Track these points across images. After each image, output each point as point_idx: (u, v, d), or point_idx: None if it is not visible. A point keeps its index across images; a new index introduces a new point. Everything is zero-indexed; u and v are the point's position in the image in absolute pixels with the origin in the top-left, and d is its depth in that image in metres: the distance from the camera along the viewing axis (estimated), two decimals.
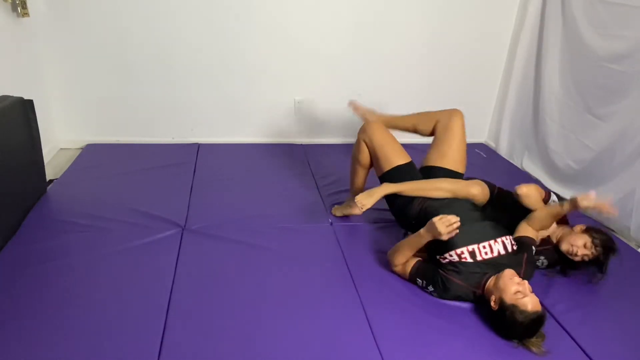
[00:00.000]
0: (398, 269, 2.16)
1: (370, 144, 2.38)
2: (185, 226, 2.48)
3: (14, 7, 2.83)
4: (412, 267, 2.10)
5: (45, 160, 2.93)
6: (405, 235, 2.37)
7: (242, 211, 2.66)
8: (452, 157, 2.38)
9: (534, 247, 2.14)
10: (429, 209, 2.16)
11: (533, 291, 1.85)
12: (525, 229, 2.20)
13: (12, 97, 2.44)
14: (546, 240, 2.29)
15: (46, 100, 3.26)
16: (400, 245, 2.16)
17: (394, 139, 2.41)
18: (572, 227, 2.27)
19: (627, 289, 2.25)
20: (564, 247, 2.17)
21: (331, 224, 2.60)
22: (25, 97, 2.51)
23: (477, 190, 2.27)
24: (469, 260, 2.01)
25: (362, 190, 2.56)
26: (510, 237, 2.13)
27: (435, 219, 1.97)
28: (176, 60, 3.39)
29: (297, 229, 2.53)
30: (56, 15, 3.15)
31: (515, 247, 2.10)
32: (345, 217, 2.65)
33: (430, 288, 2.04)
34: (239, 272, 2.17)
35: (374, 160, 2.41)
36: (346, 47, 3.53)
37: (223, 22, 3.33)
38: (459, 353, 1.80)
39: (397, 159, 2.34)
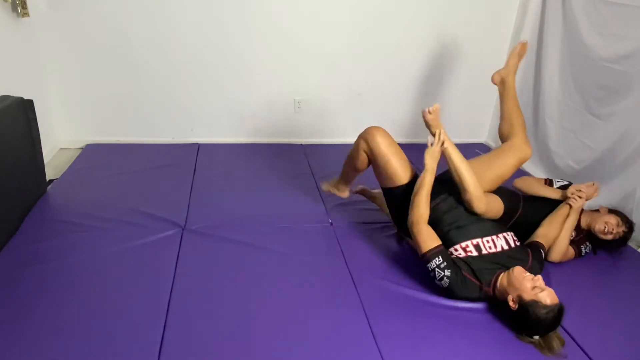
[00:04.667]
0: (418, 228, 2.04)
1: (372, 155, 2.25)
2: (185, 226, 2.48)
3: (14, 7, 2.83)
4: (435, 247, 2.00)
5: (45, 160, 2.93)
6: (400, 240, 2.41)
7: (242, 211, 2.66)
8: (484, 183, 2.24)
9: (542, 251, 2.16)
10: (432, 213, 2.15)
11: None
12: (533, 236, 2.27)
13: (12, 97, 2.43)
14: (579, 230, 2.42)
15: (46, 100, 3.26)
16: (414, 193, 2.10)
17: (398, 150, 2.25)
18: (597, 210, 2.49)
19: (627, 289, 2.26)
20: (598, 226, 2.36)
21: (331, 224, 2.60)
22: (25, 97, 2.51)
23: (481, 209, 2.13)
24: (474, 253, 2.02)
25: (349, 184, 2.59)
26: (512, 233, 2.16)
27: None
28: (176, 61, 3.39)
29: (297, 229, 2.53)
30: (56, 15, 3.15)
31: (518, 243, 2.14)
32: (346, 217, 2.65)
33: (447, 272, 1.94)
34: (238, 272, 2.16)
35: (377, 172, 2.29)
36: (346, 47, 3.53)
37: (223, 22, 3.33)
38: (460, 353, 1.80)
39: (403, 176, 2.22)
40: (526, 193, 2.51)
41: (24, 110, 2.49)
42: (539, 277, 1.89)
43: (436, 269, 1.97)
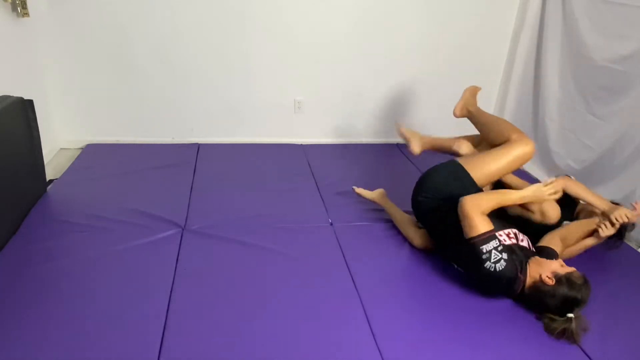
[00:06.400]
0: (477, 212, 2.01)
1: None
2: (185, 226, 2.48)
3: (14, 7, 2.83)
4: (491, 230, 1.99)
5: (45, 160, 2.93)
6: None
7: (242, 211, 2.66)
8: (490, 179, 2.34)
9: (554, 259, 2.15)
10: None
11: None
12: (551, 240, 2.23)
13: (12, 97, 2.43)
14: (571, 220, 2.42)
15: (46, 100, 3.26)
16: (492, 193, 2.20)
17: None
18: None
19: (627, 289, 2.25)
20: (583, 214, 2.39)
21: (331, 224, 2.60)
22: (25, 97, 2.51)
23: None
24: (514, 240, 2.09)
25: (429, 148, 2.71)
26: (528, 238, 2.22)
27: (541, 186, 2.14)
28: (176, 60, 3.39)
29: (297, 229, 2.53)
30: (56, 16, 3.15)
31: (533, 249, 2.18)
32: (346, 217, 2.65)
33: (504, 255, 1.94)
34: (238, 272, 2.16)
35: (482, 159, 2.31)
36: (346, 46, 3.53)
37: (223, 22, 3.33)
38: (460, 352, 1.80)
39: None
40: (569, 194, 2.38)
41: (24, 110, 2.49)
42: (559, 259, 2.04)
43: (493, 250, 1.95)
